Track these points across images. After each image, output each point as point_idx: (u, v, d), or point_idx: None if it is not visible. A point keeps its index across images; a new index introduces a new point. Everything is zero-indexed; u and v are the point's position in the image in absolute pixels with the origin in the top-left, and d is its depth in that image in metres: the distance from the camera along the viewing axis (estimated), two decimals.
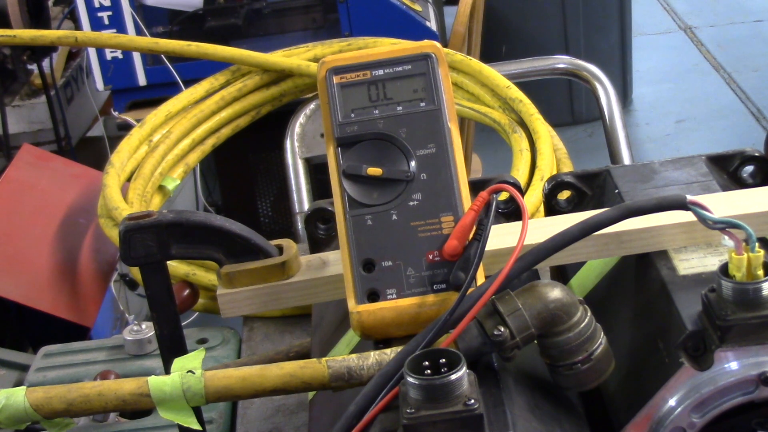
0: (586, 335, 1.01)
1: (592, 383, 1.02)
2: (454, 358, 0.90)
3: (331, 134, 1.09)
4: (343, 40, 2.37)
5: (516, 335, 0.99)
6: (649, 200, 1.05)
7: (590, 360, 1.01)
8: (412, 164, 1.08)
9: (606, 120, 2.12)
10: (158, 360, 1.29)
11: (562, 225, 1.06)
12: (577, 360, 1.01)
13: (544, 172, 1.83)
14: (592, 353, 1.01)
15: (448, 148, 1.08)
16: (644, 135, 5.06)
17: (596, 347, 1.01)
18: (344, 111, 1.09)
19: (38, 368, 1.72)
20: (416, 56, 1.11)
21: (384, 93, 1.10)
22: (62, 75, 3.91)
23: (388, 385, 0.95)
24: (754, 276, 0.94)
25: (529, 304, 1.00)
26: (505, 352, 1.00)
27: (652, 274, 1.09)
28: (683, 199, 1.01)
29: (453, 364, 0.89)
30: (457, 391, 0.88)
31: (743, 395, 0.96)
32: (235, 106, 2.25)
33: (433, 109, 1.09)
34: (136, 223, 1.12)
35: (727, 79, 5.49)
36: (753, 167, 1.24)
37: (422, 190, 1.07)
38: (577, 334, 1.01)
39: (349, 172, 1.08)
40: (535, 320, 1.00)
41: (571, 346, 1.01)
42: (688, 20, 6.34)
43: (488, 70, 2.11)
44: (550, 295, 1.01)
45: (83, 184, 2.64)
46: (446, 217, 1.06)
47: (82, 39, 2.60)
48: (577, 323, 1.01)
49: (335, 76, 1.10)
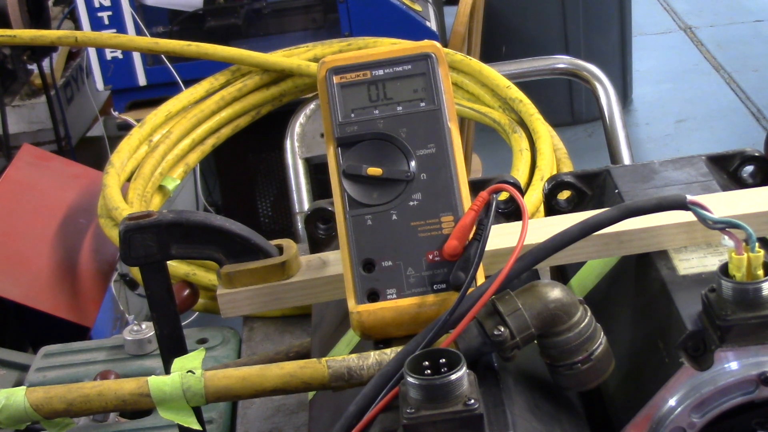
0: (586, 335, 1.01)
1: (592, 383, 1.02)
2: (454, 358, 0.90)
3: (331, 134, 1.09)
4: (343, 40, 2.37)
5: (516, 335, 0.99)
6: (649, 200, 1.05)
7: (590, 360, 1.01)
8: (412, 164, 1.08)
9: (606, 120, 2.12)
10: (158, 360, 1.29)
11: (562, 225, 1.06)
12: (577, 360, 1.01)
13: (544, 172, 1.83)
14: (592, 353, 1.01)
15: (448, 148, 1.08)
16: (644, 135, 5.06)
17: (596, 347, 1.01)
18: (344, 111, 1.09)
19: (38, 368, 1.72)
20: (416, 56, 1.11)
21: (384, 93, 1.10)
22: (62, 75, 3.92)
23: (388, 385, 0.95)
24: (754, 276, 0.94)
25: (529, 304, 1.00)
26: (506, 352, 1.00)
27: (652, 274, 1.09)
28: (683, 199, 1.01)
29: (453, 364, 0.89)
30: (457, 391, 0.88)
31: (743, 395, 0.96)
32: (235, 106, 2.25)
33: (433, 109, 1.09)
34: (136, 223, 1.12)
35: (727, 79, 5.50)
36: (753, 167, 1.24)
37: (422, 190, 1.07)
38: (577, 334, 1.00)
39: (349, 172, 1.08)
40: (535, 320, 1.00)
41: (571, 346, 1.00)
42: (688, 20, 6.34)
43: (488, 70, 2.11)
44: (551, 295, 1.01)
45: (83, 184, 2.64)
46: (446, 217, 1.06)
47: (82, 39, 2.60)
48: (577, 323, 1.00)
49: (335, 76, 1.10)
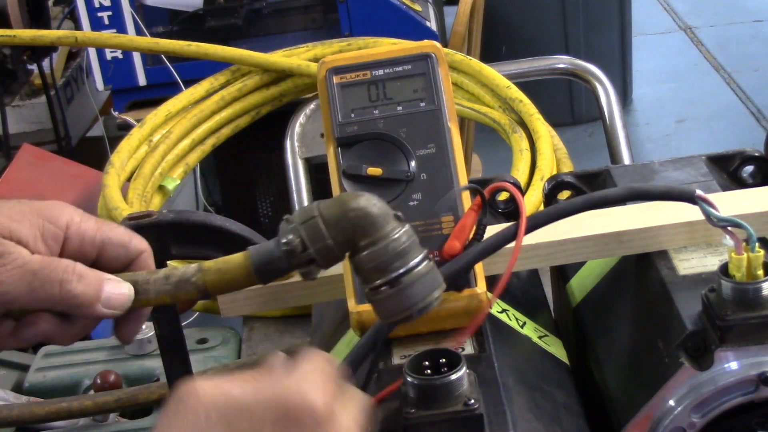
0: (395, 252, 0.88)
1: (405, 314, 0.89)
2: (454, 358, 0.90)
3: (331, 134, 1.09)
4: (343, 40, 2.37)
5: (309, 246, 0.89)
6: (658, 186, 1.05)
7: (399, 283, 0.88)
8: (412, 164, 1.08)
9: (606, 120, 2.12)
10: (158, 360, 1.30)
11: (562, 224, 1.06)
12: (384, 281, 0.88)
13: (544, 172, 1.83)
14: (402, 274, 0.88)
15: (448, 148, 1.08)
16: (644, 135, 5.06)
17: (408, 268, 0.88)
18: (344, 111, 1.09)
19: (38, 368, 1.72)
20: (416, 56, 1.10)
21: (384, 93, 1.10)
22: (62, 75, 3.92)
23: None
24: (754, 276, 0.94)
25: (327, 212, 0.89)
26: (302, 267, 0.90)
27: (652, 274, 1.09)
28: (692, 192, 1.01)
29: (453, 364, 0.89)
30: (457, 391, 0.88)
31: (743, 395, 0.96)
32: (235, 106, 2.26)
33: (433, 109, 1.09)
34: (136, 223, 1.12)
35: (727, 79, 5.50)
36: (753, 167, 1.24)
37: (422, 190, 1.07)
38: (383, 249, 0.88)
39: (349, 172, 1.08)
40: (333, 230, 0.89)
41: (377, 263, 0.88)
42: (688, 20, 6.34)
43: (488, 70, 2.11)
44: (352, 203, 0.89)
45: (83, 184, 2.64)
46: (446, 217, 1.06)
47: (82, 39, 2.60)
48: (384, 237, 0.88)
49: (335, 76, 1.10)
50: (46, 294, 0.90)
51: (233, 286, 0.94)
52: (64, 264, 0.91)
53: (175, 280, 0.94)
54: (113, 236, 0.96)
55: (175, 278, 0.94)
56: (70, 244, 0.94)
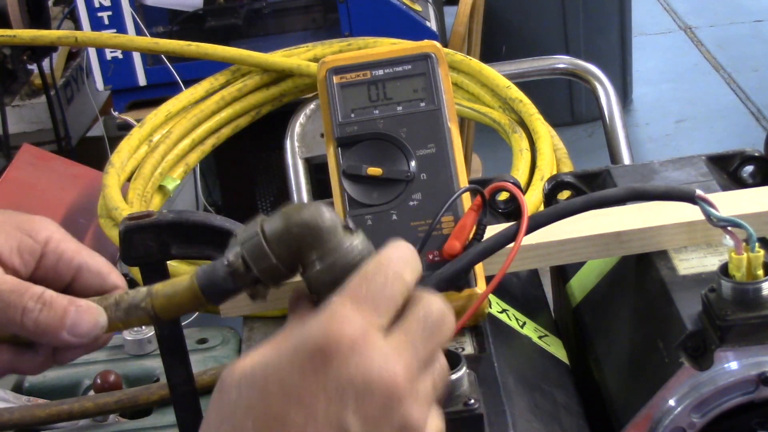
0: (349, 265, 0.80)
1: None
2: (454, 358, 0.90)
3: (331, 134, 1.09)
4: (343, 40, 2.36)
5: (252, 266, 0.82)
6: (658, 186, 1.05)
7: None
8: (412, 164, 1.08)
9: (606, 120, 2.12)
10: (158, 360, 1.30)
11: (562, 224, 1.06)
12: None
13: (544, 172, 1.83)
14: None
15: (448, 148, 1.08)
16: (644, 135, 5.06)
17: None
18: (344, 111, 1.09)
19: None
20: (416, 56, 1.11)
21: (384, 93, 1.10)
22: (62, 75, 3.92)
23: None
24: (754, 276, 0.94)
25: (269, 229, 0.82)
26: (248, 287, 0.84)
27: (652, 274, 1.09)
28: (692, 192, 1.01)
29: (453, 364, 0.89)
30: (457, 391, 0.88)
31: (743, 395, 0.96)
32: (235, 106, 2.25)
33: (433, 109, 1.09)
34: (136, 223, 1.12)
35: (727, 79, 5.50)
36: (753, 167, 1.24)
37: (422, 190, 1.07)
38: (332, 264, 0.80)
39: (349, 172, 1.08)
40: (277, 247, 0.82)
41: (329, 279, 0.80)
42: (688, 20, 6.34)
43: (488, 70, 2.11)
44: (295, 216, 0.81)
45: (83, 184, 2.64)
46: (446, 217, 1.06)
47: (82, 39, 2.60)
48: (333, 250, 0.81)
49: (335, 76, 1.10)
50: (8, 319, 0.87)
51: (184, 309, 0.89)
52: (32, 291, 0.88)
53: (125, 306, 0.90)
54: (92, 263, 0.94)
55: (125, 304, 0.90)
56: (46, 261, 0.92)
